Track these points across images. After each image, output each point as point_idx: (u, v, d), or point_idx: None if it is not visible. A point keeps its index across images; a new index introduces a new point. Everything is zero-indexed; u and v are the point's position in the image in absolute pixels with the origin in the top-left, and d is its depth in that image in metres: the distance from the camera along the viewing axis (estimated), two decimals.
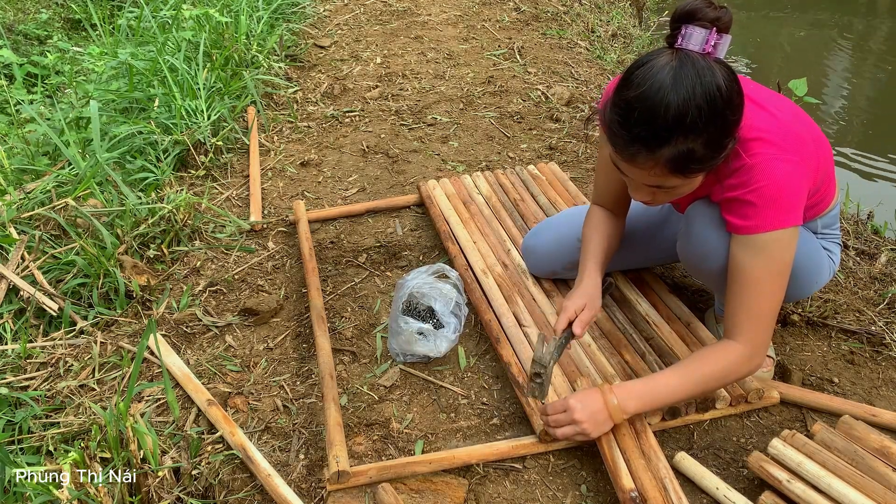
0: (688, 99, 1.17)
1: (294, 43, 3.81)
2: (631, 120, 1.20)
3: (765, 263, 1.31)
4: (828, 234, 1.60)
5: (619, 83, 1.25)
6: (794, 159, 1.30)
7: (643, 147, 1.21)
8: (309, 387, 1.70)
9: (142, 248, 2.17)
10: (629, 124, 1.21)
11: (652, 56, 1.22)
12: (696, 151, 1.21)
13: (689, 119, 1.17)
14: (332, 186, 2.54)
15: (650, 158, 1.22)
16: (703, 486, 1.39)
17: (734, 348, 1.36)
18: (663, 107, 1.17)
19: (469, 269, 1.98)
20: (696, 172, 1.26)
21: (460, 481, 1.43)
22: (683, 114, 1.17)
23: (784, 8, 5.63)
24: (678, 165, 1.22)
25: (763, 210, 1.29)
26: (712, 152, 1.23)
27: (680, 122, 1.18)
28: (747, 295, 1.34)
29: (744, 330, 1.35)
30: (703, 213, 1.44)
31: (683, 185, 1.30)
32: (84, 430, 1.57)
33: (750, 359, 1.36)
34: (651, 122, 1.19)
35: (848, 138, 3.89)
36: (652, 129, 1.19)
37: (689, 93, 1.17)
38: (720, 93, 1.18)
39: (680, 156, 1.21)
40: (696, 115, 1.17)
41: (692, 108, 1.17)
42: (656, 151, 1.21)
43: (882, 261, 2.08)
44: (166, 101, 2.78)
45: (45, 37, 4.20)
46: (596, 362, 1.64)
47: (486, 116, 2.98)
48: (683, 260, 1.55)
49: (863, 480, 1.30)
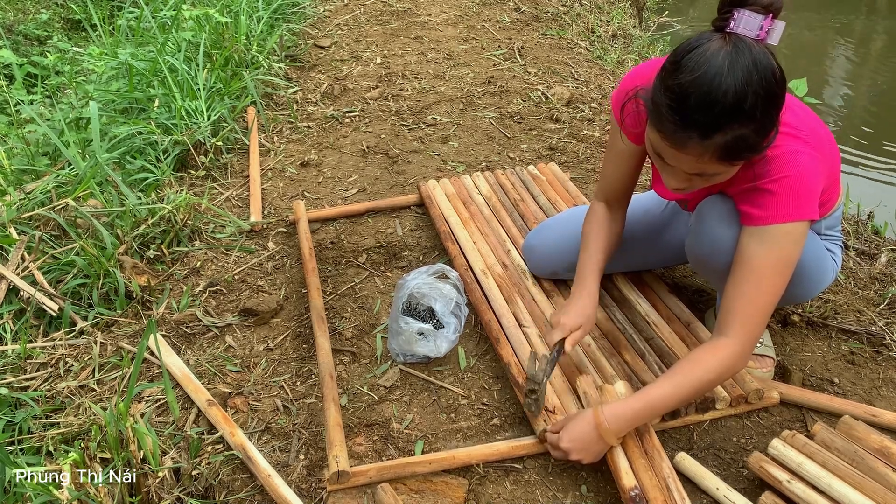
0: (745, 85, 1.14)
1: (294, 43, 3.81)
2: (687, 105, 1.17)
3: (774, 256, 1.31)
4: (830, 235, 1.60)
5: (669, 68, 1.22)
6: (814, 154, 1.31)
7: (697, 133, 1.18)
8: (309, 387, 1.70)
9: (142, 249, 2.17)
10: (684, 109, 1.18)
11: (702, 41, 1.20)
12: (748, 138, 1.19)
13: (747, 105, 1.15)
14: (332, 186, 2.54)
15: (701, 145, 1.19)
16: (703, 487, 1.39)
17: (725, 345, 1.34)
18: (721, 92, 1.14)
19: (469, 269, 1.98)
20: (743, 159, 1.24)
21: (460, 481, 1.43)
22: (742, 100, 1.15)
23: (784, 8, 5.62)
24: (729, 152, 1.20)
25: (782, 200, 1.29)
26: (761, 139, 1.21)
27: (738, 108, 1.15)
28: (749, 287, 1.33)
29: (738, 323, 1.34)
30: (715, 209, 1.43)
31: (726, 172, 1.28)
32: (84, 430, 1.57)
33: (741, 356, 1.35)
34: (709, 107, 1.16)
35: (848, 138, 3.89)
36: (709, 114, 1.16)
37: (746, 79, 1.14)
38: (775, 78, 1.17)
39: (732, 143, 1.18)
40: (754, 101, 1.15)
41: (750, 94, 1.15)
42: (710, 138, 1.18)
43: (882, 261, 2.08)
44: (166, 102, 2.78)
45: (45, 37, 4.20)
46: (596, 362, 1.64)
47: (486, 117, 2.98)
48: (692, 256, 1.53)
49: (863, 481, 1.30)
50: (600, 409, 1.37)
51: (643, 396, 1.37)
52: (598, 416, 1.36)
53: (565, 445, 1.38)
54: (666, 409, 1.38)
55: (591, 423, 1.37)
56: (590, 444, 1.37)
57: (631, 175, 1.62)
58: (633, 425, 1.37)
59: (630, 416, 1.36)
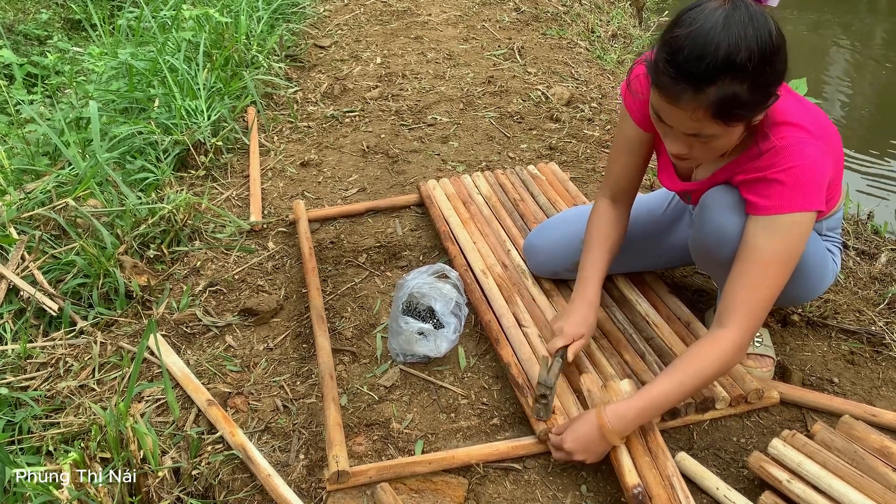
0: (739, 40, 1.16)
1: (294, 43, 3.81)
2: (680, 57, 1.20)
3: (780, 246, 1.31)
4: (831, 236, 1.60)
5: (669, 25, 1.25)
6: (821, 145, 1.31)
7: (690, 86, 1.20)
8: (309, 387, 1.70)
9: (142, 248, 2.17)
10: (678, 61, 1.20)
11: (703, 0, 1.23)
12: (741, 96, 1.20)
13: (738, 60, 1.16)
14: (332, 186, 2.54)
15: (694, 99, 1.21)
16: (703, 487, 1.39)
17: (725, 337, 1.34)
18: (714, 45, 1.17)
19: (469, 269, 1.98)
20: (737, 119, 1.24)
21: (460, 481, 1.43)
22: (734, 54, 1.16)
23: (784, 8, 5.62)
24: (722, 109, 1.21)
25: (790, 190, 1.29)
26: (756, 100, 1.22)
27: (730, 62, 1.17)
28: (753, 277, 1.32)
29: (740, 314, 1.33)
30: (720, 198, 1.42)
31: (722, 136, 1.27)
32: (84, 430, 1.57)
33: (740, 347, 1.35)
34: (700, 59, 1.18)
35: (848, 138, 3.89)
36: (701, 66, 1.18)
37: (740, 34, 1.17)
38: (771, 38, 1.18)
39: (725, 98, 1.19)
40: (746, 57, 1.16)
41: (743, 50, 1.16)
42: (702, 91, 1.19)
43: (882, 261, 2.08)
44: (166, 102, 2.78)
45: (45, 37, 4.20)
46: (596, 362, 1.64)
47: (486, 116, 2.98)
48: (696, 247, 1.52)
49: (863, 480, 1.30)
50: (603, 410, 1.37)
51: (645, 395, 1.37)
52: (601, 416, 1.37)
53: (569, 447, 1.38)
54: (668, 405, 1.38)
55: (594, 423, 1.37)
56: (593, 444, 1.37)
57: (638, 167, 1.62)
58: (636, 424, 1.37)
59: (633, 415, 1.36)
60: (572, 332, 1.54)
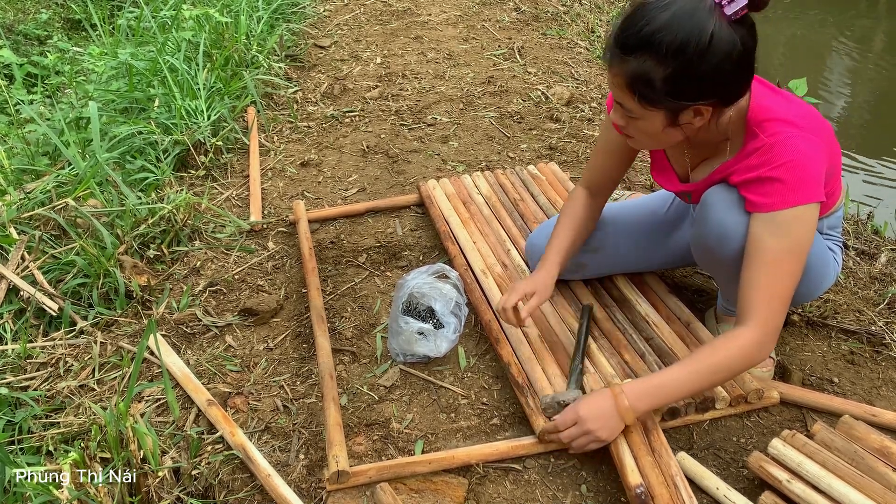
0: (667, 25, 1.22)
1: (294, 43, 3.81)
2: (621, 23, 1.29)
3: (786, 241, 1.31)
4: (831, 235, 1.60)
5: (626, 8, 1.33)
6: (812, 138, 1.32)
7: (617, 50, 1.28)
8: (309, 387, 1.70)
9: (142, 248, 2.17)
10: (618, 27, 1.29)
11: None
12: (654, 80, 1.25)
13: (656, 41, 1.23)
14: (332, 186, 2.54)
15: (618, 65, 1.29)
16: (703, 486, 1.39)
17: (744, 334, 1.34)
18: (646, 20, 1.24)
19: (469, 269, 1.98)
20: (647, 102, 1.29)
21: (460, 481, 1.43)
22: (656, 33, 1.23)
23: (784, 8, 5.63)
24: (633, 82, 1.28)
25: (787, 185, 1.30)
26: (668, 91, 1.27)
27: (650, 39, 1.23)
28: (765, 275, 1.32)
29: (758, 312, 1.33)
30: (720, 196, 1.43)
31: (641, 117, 1.33)
32: (84, 430, 1.57)
33: (760, 344, 1.33)
34: (630, 27, 1.26)
35: (848, 138, 3.89)
36: (628, 34, 1.26)
37: (671, 22, 1.22)
38: (699, 40, 1.21)
39: (639, 73, 1.26)
40: (667, 42, 1.22)
41: (666, 35, 1.22)
42: (625, 60, 1.27)
43: (882, 261, 2.08)
44: (166, 102, 2.78)
45: (45, 37, 4.20)
46: (596, 362, 1.64)
47: (486, 116, 2.98)
48: (698, 247, 1.52)
49: (863, 480, 1.30)
50: (618, 388, 1.39)
51: (659, 376, 1.39)
52: (615, 391, 1.38)
53: (591, 425, 1.37)
54: (681, 392, 1.38)
55: (608, 397, 1.39)
56: (607, 417, 1.38)
57: (616, 168, 1.68)
58: (648, 405, 1.38)
59: (644, 392, 1.37)
60: (524, 287, 1.61)
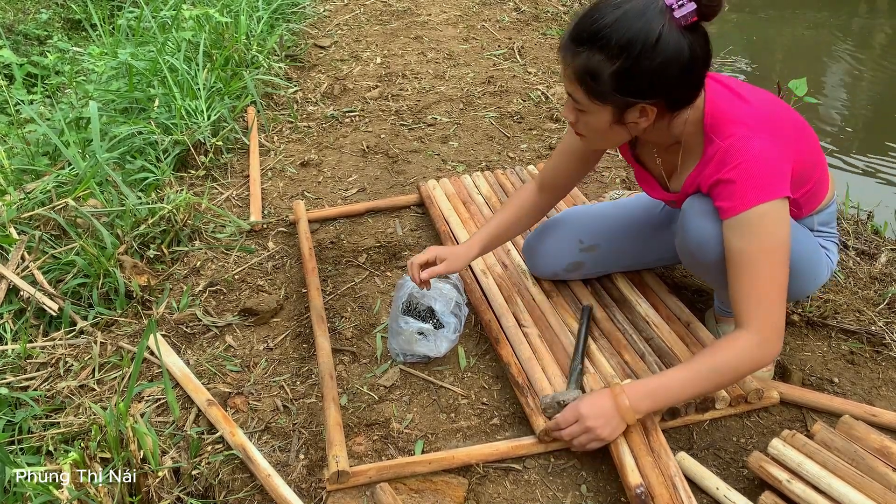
0: (617, 22, 1.24)
1: (294, 43, 3.81)
2: (576, 18, 1.32)
3: (756, 242, 1.31)
4: (824, 231, 1.60)
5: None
6: (766, 136, 1.33)
7: (570, 42, 1.31)
8: (309, 387, 1.70)
9: (142, 248, 2.17)
10: (574, 21, 1.33)
11: None
12: (600, 74, 1.28)
13: (604, 37, 1.25)
14: (332, 186, 2.54)
15: (569, 56, 1.32)
16: (703, 486, 1.39)
17: (743, 336, 1.34)
18: (597, 16, 1.27)
19: (469, 269, 1.98)
20: (594, 96, 1.31)
21: (460, 481, 1.43)
22: (604, 29, 1.25)
23: (784, 8, 5.62)
24: (580, 74, 1.30)
25: (742, 186, 1.31)
26: (615, 87, 1.29)
27: (598, 35, 1.26)
28: (746, 278, 1.33)
29: (751, 316, 1.34)
30: (696, 205, 1.45)
31: (587, 110, 1.35)
32: (84, 430, 1.57)
33: (761, 345, 1.33)
34: (584, 22, 1.30)
35: (848, 138, 3.89)
36: (580, 27, 1.30)
37: (622, 19, 1.24)
38: (647, 39, 1.24)
39: (588, 67, 1.29)
40: (616, 38, 1.24)
41: (615, 33, 1.25)
42: (574, 51, 1.30)
43: (882, 261, 2.08)
44: (166, 102, 2.78)
45: (45, 37, 4.20)
46: (596, 362, 1.64)
47: (486, 116, 2.98)
48: (682, 253, 1.54)
49: (863, 480, 1.30)
50: (618, 388, 1.39)
51: (660, 377, 1.39)
52: (616, 391, 1.38)
53: (591, 423, 1.37)
54: (683, 393, 1.38)
55: (608, 396, 1.39)
56: (608, 416, 1.38)
57: (572, 170, 1.71)
58: (649, 406, 1.38)
59: (645, 393, 1.38)
60: (438, 252, 1.68)
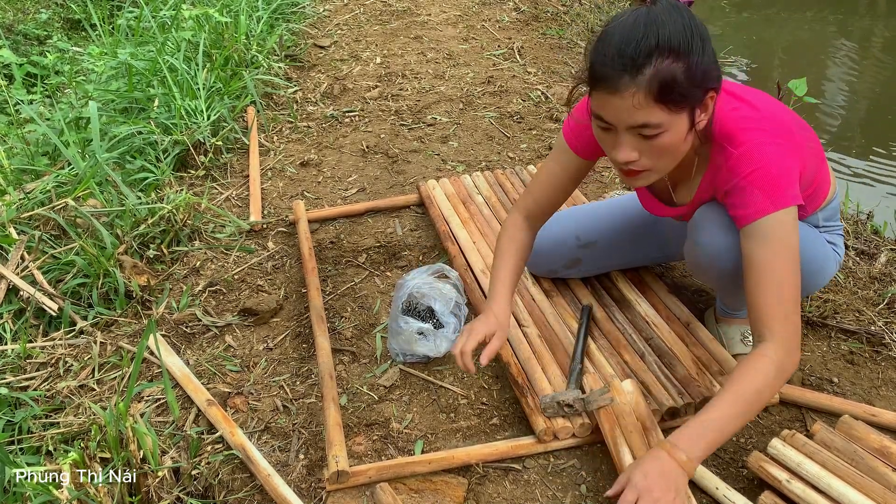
0: (666, 23, 1.21)
1: (294, 43, 3.81)
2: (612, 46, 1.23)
3: (774, 248, 1.30)
4: (830, 226, 1.60)
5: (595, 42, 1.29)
6: (780, 142, 1.32)
7: (626, 69, 1.21)
8: (309, 387, 1.70)
9: (142, 248, 2.17)
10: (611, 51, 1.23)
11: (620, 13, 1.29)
12: (677, 76, 1.21)
13: (668, 40, 1.20)
14: (332, 186, 2.54)
15: (633, 83, 1.21)
16: (702, 486, 1.39)
17: (769, 351, 1.29)
18: (642, 28, 1.21)
19: (469, 269, 1.98)
20: (677, 104, 1.23)
21: (460, 481, 1.43)
22: (662, 35, 1.20)
23: (784, 8, 5.62)
24: (661, 89, 1.21)
25: (759, 193, 1.31)
26: (692, 81, 1.23)
27: (660, 42, 1.20)
28: (766, 286, 1.30)
29: (773, 325, 1.30)
30: (710, 215, 1.44)
31: (668, 127, 1.25)
32: (84, 430, 1.57)
33: (788, 355, 1.29)
34: (630, 42, 1.21)
35: (848, 138, 3.89)
36: (633, 48, 1.21)
37: (667, 19, 1.21)
38: (692, 26, 1.23)
39: (662, 77, 1.21)
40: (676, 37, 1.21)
41: (670, 31, 1.21)
42: (640, 72, 1.21)
43: (882, 261, 2.08)
44: (166, 101, 2.78)
45: (44, 37, 4.20)
46: (596, 362, 1.64)
47: (485, 116, 2.98)
48: (691, 264, 1.55)
49: (863, 480, 1.30)
50: (668, 445, 1.26)
51: (700, 415, 1.28)
52: (667, 447, 1.26)
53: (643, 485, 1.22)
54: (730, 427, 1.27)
55: (667, 459, 1.25)
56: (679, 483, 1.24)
57: (559, 200, 1.64)
58: (704, 448, 1.26)
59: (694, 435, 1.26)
60: (484, 328, 1.50)
